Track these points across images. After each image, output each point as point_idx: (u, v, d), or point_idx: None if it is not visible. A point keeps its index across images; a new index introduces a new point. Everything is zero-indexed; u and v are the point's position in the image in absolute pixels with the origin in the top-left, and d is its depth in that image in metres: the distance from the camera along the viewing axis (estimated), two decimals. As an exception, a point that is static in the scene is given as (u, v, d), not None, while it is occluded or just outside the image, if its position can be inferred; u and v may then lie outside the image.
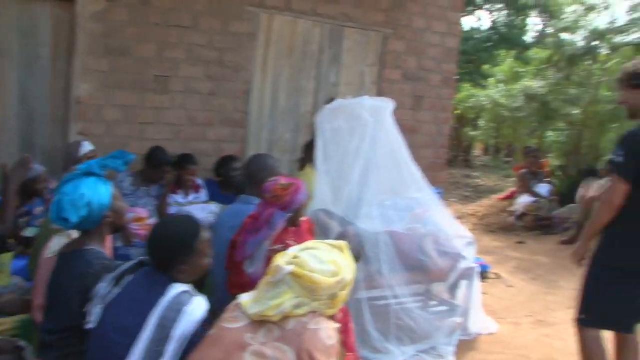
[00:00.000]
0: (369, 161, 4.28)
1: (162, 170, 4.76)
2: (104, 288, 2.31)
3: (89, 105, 5.18)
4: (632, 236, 3.17)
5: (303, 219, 3.31)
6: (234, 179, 5.34)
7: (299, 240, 2.96)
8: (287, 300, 2.09)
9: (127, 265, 2.42)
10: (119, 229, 2.78)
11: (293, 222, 3.17)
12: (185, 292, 2.27)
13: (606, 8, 10.29)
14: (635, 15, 10.07)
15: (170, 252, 2.34)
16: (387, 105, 4.44)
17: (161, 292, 2.23)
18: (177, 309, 2.19)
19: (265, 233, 3.04)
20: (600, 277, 3.23)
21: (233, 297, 2.33)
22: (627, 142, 3.11)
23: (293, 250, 2.25)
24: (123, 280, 2.35)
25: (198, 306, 2.24)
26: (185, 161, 5.04)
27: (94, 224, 2.53)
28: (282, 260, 2.16)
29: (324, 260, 2.17)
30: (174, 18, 5.41)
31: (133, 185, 4.72)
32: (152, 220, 4.60)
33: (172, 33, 5.41)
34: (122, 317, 2.24)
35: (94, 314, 2.28)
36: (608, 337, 3.41)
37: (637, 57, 6.92)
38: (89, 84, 5.15)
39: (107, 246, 2.70)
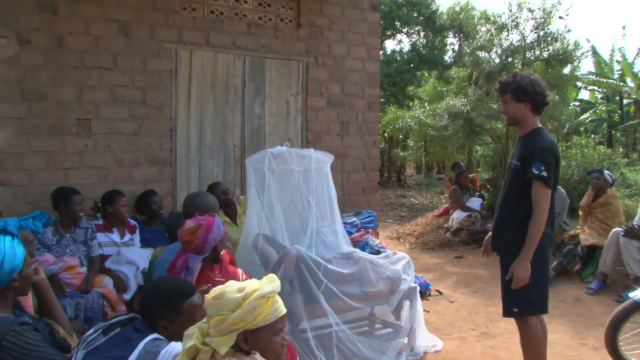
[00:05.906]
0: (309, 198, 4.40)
1: (72, 203, 4.55)
2: (91, 334, 2.27)
3: (8, 154, 4.94)
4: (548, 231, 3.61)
5: (222, 252, 3.25)
6: (155, 212, 5.33)
7: (225, 275, 2.89)
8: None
9: (120, 317, 2.39)
10: (22, 294, 2.60)
11: (215, 259, 3.10)
12: (158, 338, 2.24)
13: (516, 26, 10.72)
14: (541, 32, 10.52)
15: (154, 306, 2.34)
16: (327, 159, 4.65)
17: (136, 344, 2.19)
18: (154, 351, 2.14)
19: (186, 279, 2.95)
20: (534, 270, 3.57)
21: None
22: (544, 158, 3.47)
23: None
24: (112, 330, 2.29)
25: (176, 346, 2.15)
26: (114, 195, 4.97)
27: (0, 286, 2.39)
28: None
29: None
30: (92, 59, 5.28)
31: (55, 234, 4.48)
32: (83, 269, 4.43)
33: (90, 75, 5.28)
34: None
35: (76, 358, 2.23)
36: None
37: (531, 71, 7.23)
38: (5, 131, 4.91)
39: (27, 304, 2.55)
